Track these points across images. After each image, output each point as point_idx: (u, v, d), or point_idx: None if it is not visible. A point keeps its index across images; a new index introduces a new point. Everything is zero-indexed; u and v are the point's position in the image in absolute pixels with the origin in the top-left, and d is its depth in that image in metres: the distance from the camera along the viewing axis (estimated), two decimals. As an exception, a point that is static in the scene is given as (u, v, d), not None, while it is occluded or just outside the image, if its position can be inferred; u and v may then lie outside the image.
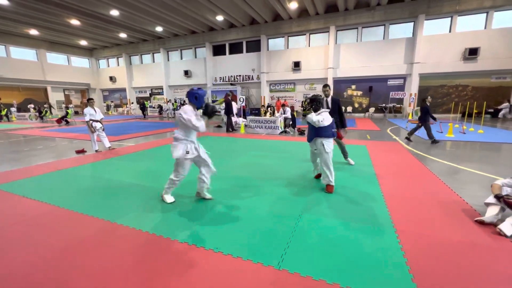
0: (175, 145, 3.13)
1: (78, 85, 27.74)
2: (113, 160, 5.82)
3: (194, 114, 3.07)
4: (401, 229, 2.58)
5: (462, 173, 4.52)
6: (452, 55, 15.70)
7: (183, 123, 3.04)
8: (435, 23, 15.97)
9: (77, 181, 4.36)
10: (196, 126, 2.99)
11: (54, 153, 6.72)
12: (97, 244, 2.40)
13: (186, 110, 3.05)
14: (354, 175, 4.42)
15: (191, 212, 3.07)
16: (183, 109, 3.08)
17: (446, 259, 2.10)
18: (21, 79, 22.78)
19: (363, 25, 17.40)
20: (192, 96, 3.12)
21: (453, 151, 6.38)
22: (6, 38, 21.62)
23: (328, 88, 4.67)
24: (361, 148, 6.78)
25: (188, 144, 3.14)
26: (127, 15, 17.05)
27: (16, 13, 16.53)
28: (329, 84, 4.94)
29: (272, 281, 1.87)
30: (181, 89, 24.94)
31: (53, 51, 25.23)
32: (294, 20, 18.47)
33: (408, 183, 3.99)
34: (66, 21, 18.15)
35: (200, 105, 3.18)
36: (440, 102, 16.65)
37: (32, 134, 10.85)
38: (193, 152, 3.16)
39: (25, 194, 3.67)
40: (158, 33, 21.72)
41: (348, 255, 2.17)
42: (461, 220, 2.77)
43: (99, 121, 6.74)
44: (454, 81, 16.12)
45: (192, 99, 3.13)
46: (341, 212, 2.99)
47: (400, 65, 16.89)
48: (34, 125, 14.81)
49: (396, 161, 5.35)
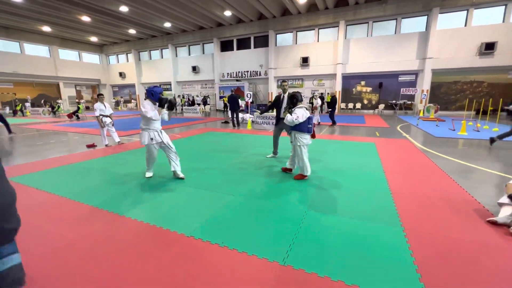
0: (141, 134, 3.85)
1: (89, 80, 28.30)
2: (122, 154, 5.93)
3: (151, 107, 3.74)
4: (409, 227, 2.53)
5: (475, 172, 4.39)
6: (467, 50, 15.14)
7: (143, 115, 3.73)
8: (449, 17, 15.40)
9: (88, 174, 4.46)
10: (150, 116, 3.68)
11: (66, 147, 6.90)
12: (106, 236, 2.46)
13: (144, 105, 3.75)
14: (361, 172, 4.35)
15: (197, 206, 3.10)
16: (143, 104, 3.77)
17: (455, 260, 2.05)
18: (35, 75, 23.43)
19: (374, 19, 16.96)
20: (149, 93, 3.81)
21: (465, 149, 6.20)
22: (20, 35, 22.21)
23: (286, 83, 5.00)
24: (370, 145, 6.67)
25: (151, 132, 3.82)
26: (136, 11, 17.17)
27: (29, 10, 16.91)
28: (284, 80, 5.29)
29: (276, 276, 1.87)
30: (189, 85, 25.08)
31: (65, 48, 25.78)
32: (303, 14, 18.17)
33: (418, 181, 3.90)
34: (77, 18, 18.46)
35: (156, 99, 3.82)
36: (453, 99, 16.14)
37: (45, 128, 11.17)
38: (157, 139, 3.85)
39: (38, 187, 3.79)
40: (167, 29, 21.81)
41: (354, 253, 2.14)
42: (472, 219, 2.70)
43: (108, 116, 6.86)
44: (469, 77, 15.57)
45: (149, 95, 3.81)
46: (348, 209, 2.96)
47: (412, 61, 16.43)
48: (47, 120, 15.23)
49: (406, 159, 5.24)
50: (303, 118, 3.69)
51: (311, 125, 3.80)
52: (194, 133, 9.12)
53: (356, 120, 13.10)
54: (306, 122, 3.74)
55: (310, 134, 3.84)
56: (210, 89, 23.69)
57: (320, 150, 6.15)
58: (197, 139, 7.82)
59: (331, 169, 4.56)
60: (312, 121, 3.84)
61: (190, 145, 6.98)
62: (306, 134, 3.82)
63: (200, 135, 8.66)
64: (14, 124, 12.97)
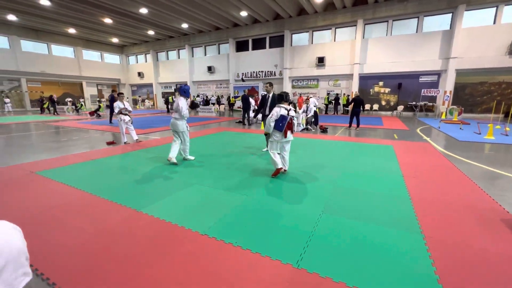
0: (179, 124, 4.85)
1: (110, 80, 29.48)
2: (140, 152, 6.12)
3: (186, 105, 4.78)
4: (430, 235, 2.42)
5: (503, 179, 4.13)
6: (496, 49, 14.26)
7: (178, 109, 4.73)
8: (476, 14, 14.59)
9: (108, 170, 4.65)
10: (184, 114, 4.77)
11: (88, 144, 7.22)
12: (124, 231, 2.54)
13: (180, 102, 4.72)
14: (379, 176, 4.22)
15: (211, 205, 3.14)
16: (179, 101, 4.72)
17: (481, 272, 1.93)
18: (61, 75, 24.76)
19: (394, 18, 16.39)
20: (183, 91, 4.76)
21: (492, 155, 5.84)
22: (48, 36, 23.57)
23: (270, 86, 5.62)
24: (387, 148, 6.45)
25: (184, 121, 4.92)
26: (155, 12, 17.68)
27: (56, 13, 17.90)
28: (270, 82, 5.98)
29: (289, 278, 1.85)
30: (204, 84, 25.46)
31: (88, 49, 27.04)
32: (320, 14, 17.91)
33: (439, 187, 3.72)
34: (100, 20, 19.30)
35: (188, 96, 4.86)
36: (479, 100, 15.27)
37: (69, 125, 11.76)
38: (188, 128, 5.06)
39: (63, 181, 3.99)
40: (184, 29, 22.28)
41: (371, 259, 2.08)
42: (499, 230, 2.54)
43: (127, 114, 7.10)
44: (497, 77, 14.67)
45: (184, 93, 4.78)
46: (364, 213, 2.87)
47: (434, 60, 15.72)
48: (71, 117, 16.03)
49: (426, 163, 5.02)
50: (275, 116, 3.96)
51: (283, 124, 3.95)
52: (209, 132, 9.24)
53: (373, 122, 12.72)
54: (279, 120, 3.95)
55: (280, 132, 4.01)
56: (225, 89, 23.93)
57: (335, 152, 6.03)
58: (211, 138, 7.91)
59: (346, 172, 4.45)
60: (286, 120, 3.96)
61: (204, 144, 7.08)
62: (277, 132, 4.03)
63: (214, 135, 8.77)
64: (41, 121, 13.76)
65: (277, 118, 3.95)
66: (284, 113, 3.94)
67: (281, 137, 4.05)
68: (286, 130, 3.99)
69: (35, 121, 13.74)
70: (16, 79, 22.17)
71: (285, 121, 3.94)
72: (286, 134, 4.02)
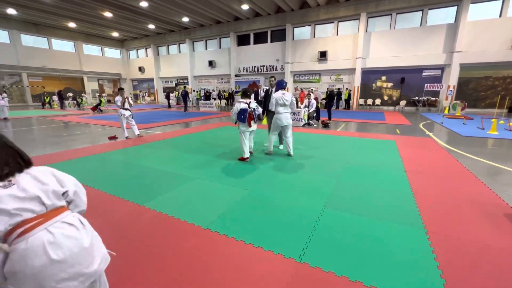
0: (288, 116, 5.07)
1: (111, 75, 29.37)
2: (142, 147, 6.12)
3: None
4: (432, 230, 2.42)
5: (506, 174, 4.10)
6: (501, 43, 14.03)
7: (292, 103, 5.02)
8: (482, 7, 14.31)
9: (109, 165, 4.65)
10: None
11: (90, 139, 7.23)
12: (128, 225, 2.55)
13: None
14: (381, 171, 4.20)
15: (213, 199, 3.14)
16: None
17: (484, 267, 1.93)
18: (62, 69, 24.67)
19: (398, 11, 16.12)
20: (280, 84, 5.08)
21: (495, 150, 5.80)
22: (48, 31, 23.41)
23: (273, 79, 5.81)
24: (390, 143, 6.42)
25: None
26: (155, 6, 17.47)
27: (56, 6, 17.73)
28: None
29: (292, 273, 1.86)
30: (205, 79, 25.32)
31: (88, 43, 26.87)
32: (322, 7, 17.64)
33: (442, 182, 3.70)
34: (100, 14, 19.11)
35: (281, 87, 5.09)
36: (483, 95, 15.11)
37: (71, 120, 11.77)
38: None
39: (65, 175, 4.00)
40: (184, 23, 22.04)
41: (373, 253, 2.08)
42: (503, 225, 2.53)
43: (128, 109, 7.09)
44: (502, 72, 14.48)
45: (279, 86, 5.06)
46: (366, 208, 2.87)
47: (438, 55, 15.51)
48: (73, 112, 16.03)
49: (429, 158, 4.99)
50: (237, 110, 4.55)
51: (244, 116, 4.54)
52: (210, 127, 9.22)
53: (375, 117, 12.64)
54: (240, 113, 4.54)
55: (244, 123, 4.58)
56: (226, 84, 23.79)
57: (337, 147, 6.01)
58: (212, 133, 7.90)
59: (348, 167, 4.44)
60: (246, 112, 4.52)
61: (205, 139, 7.07)
62: (241, 123, 4.62)
63: (216, 129, 8.75)
64: (43, 116, 13.77)
65: (238, 112, 4.54)
66: (244, 107, 4.53)
67: (246, 127, 4.65)
68: (249, 121, 4.59)
69: (37, 116, 13.76)
70: (17, 74, 22.12)
71: (246, 113, 4.55)
72: (250, 124, 4.63)
